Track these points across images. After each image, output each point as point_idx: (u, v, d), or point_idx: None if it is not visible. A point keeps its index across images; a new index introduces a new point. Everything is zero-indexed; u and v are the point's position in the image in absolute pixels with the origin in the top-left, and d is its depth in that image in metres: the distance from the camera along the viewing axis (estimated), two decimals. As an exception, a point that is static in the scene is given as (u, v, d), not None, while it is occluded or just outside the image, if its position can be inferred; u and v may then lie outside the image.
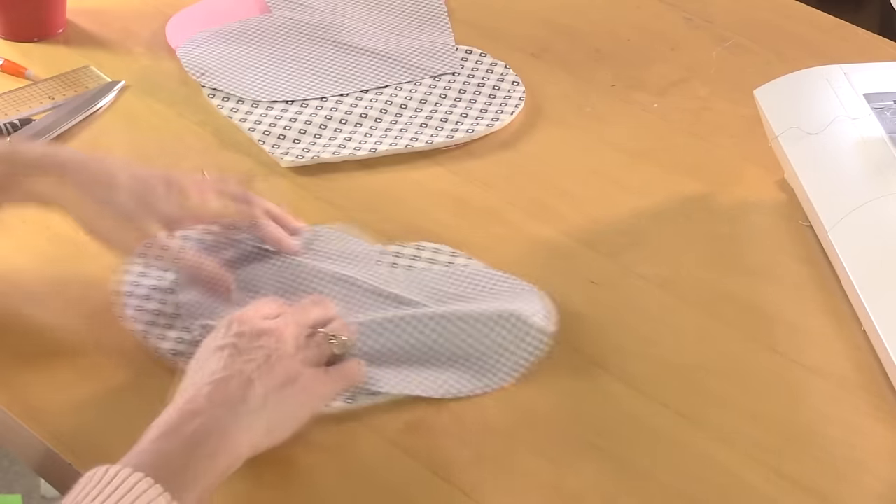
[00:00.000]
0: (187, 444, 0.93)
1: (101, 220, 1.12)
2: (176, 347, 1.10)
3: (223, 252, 1.18)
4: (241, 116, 1.37)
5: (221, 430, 0.94)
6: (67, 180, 1.11)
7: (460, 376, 1.09)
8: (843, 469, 1.04)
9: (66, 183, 1.11)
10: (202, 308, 1.13)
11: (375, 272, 1.17)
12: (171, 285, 1.15)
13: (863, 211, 1.20)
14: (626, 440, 1.06)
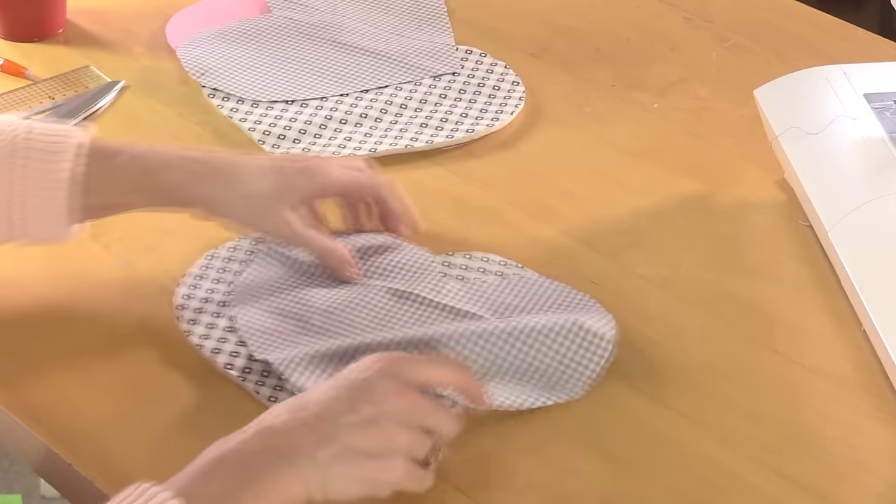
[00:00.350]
0: (238, 480, 0.90)
1: (240, 210, 1.12)
2: (230, 361, 1.09)
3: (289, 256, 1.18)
4: (241, 116, 1.37)
5: (278, 475, 0.91)
6: (201, 178, 1.11)
7: (531, 390, 1.07)
8: (843, 469, 1.04)
9: (200, 181, 1.11)
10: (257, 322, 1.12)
11: (430, 283, 1.16)
12: (224, 297, 1.15)
13: (863, 211, 1.20)
14: (626, 440, 1.06)
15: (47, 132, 1.09)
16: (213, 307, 1.14)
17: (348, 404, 0.94)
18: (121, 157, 1.10)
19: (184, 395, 1.08)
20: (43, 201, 1.08)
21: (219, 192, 1.12)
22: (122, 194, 1.11)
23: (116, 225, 1.23)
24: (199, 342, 1.11)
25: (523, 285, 1.16)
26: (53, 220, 1.09)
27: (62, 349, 1.11)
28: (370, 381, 0.96)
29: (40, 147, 1.08)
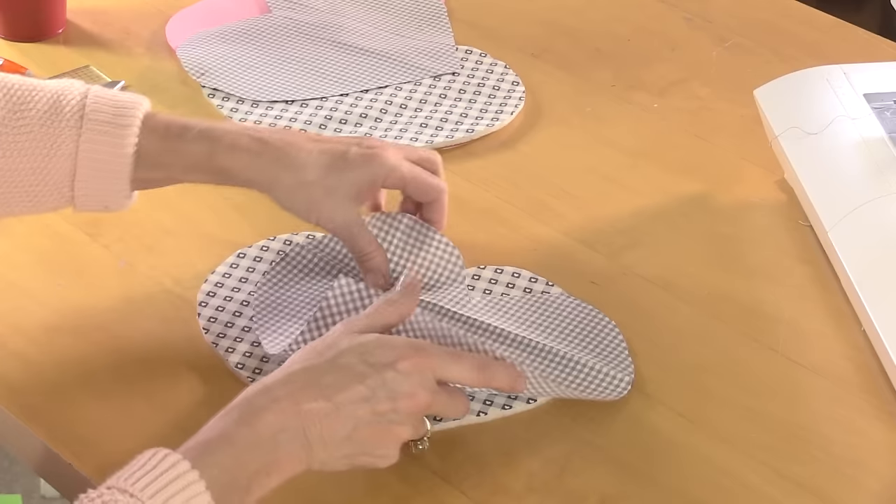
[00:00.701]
0: (254, 453, 0.92)
1: (296, 198, 1.10)
2: (242, 361, 1.10)
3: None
4: (241, 116, 1.37)
5: (290, 454, 0.94)
6: (262, 161, 1.10)
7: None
8: (843, 469, 1.04)
9: (260, 164, 1.10)
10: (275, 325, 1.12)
11: (453, 294, 1.14)
12: (247, 297, 1.15)
13: (863, 211, 1.20)
14: (626, 440, 1.06)
15: (115, 102, 1.09)
16: (234, 306, 1.14)
17: (369, 396, 0.97)
18: (186, 136, 1.09)
19: (184, 395, 1.08)
20: (107, 173, 1.08)
21: (277, 177, 1.10)
22: (182, 172, 1.11)
23: (116, 225, 1.23)
24: (215, 340, 1.11)
25: (549, 305, 1.15)
26: (115, 191, 1.09)
27: (62, 349, 1.11)
28: (396, 381, 0.98)
29: (107, 119, 1.08)
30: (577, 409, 1.08)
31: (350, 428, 0.96)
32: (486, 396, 1.08)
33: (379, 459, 0.99)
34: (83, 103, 1.08)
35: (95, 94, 1.09)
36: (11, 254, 1.20)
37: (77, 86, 1.10)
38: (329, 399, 0.96)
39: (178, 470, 0.89)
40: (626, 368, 1.10)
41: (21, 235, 1.22)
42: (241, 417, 0.94)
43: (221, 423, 0.94)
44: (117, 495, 0.88)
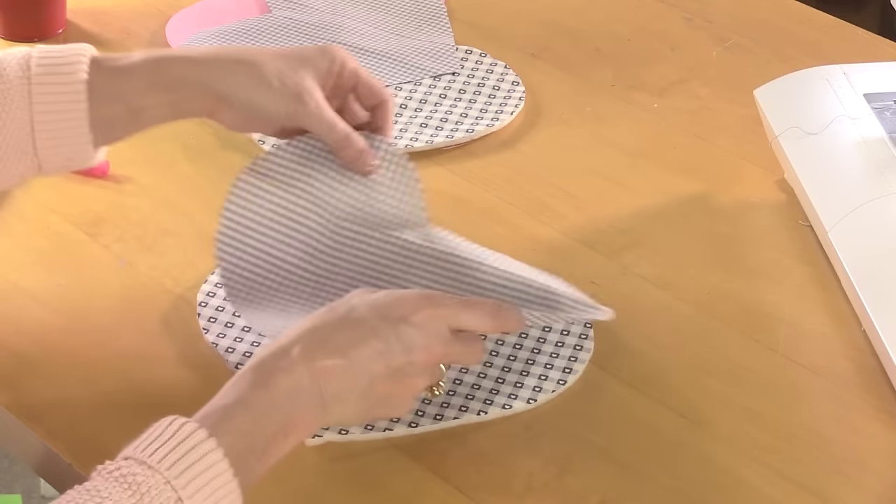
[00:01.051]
0: (270, 415, 0.93)
1: (260, 95, 1.07)
2: (242, 361, 1.10)
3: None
4: (241, 116, 1.37)
5: (308, 413, 0.95)
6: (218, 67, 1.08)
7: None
8: (843, 469, 1.04)
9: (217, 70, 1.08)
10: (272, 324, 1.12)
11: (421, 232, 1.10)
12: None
13: (863, 211, 1.20)
14: (626, 440, 1.06)
15: (58, 50, 1.08)
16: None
17: (384, 350, 0.97)
18: (133, 59, 1.08)
19: (185, 395, 1.08)
20: (65, 116, 1.06)
21: (232, 70, 1.08)
22: (141, 95, 1.07)
23: (116, 225, 1.23)
24: (215, 340, 1.11)
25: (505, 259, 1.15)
26: (77, 135, 1.07)
27: (62, 349, 1.11)
28: (410, 333, 0.98)
29: (54, 63, 1.07)
30: (577, 409, 1.08)
31: (365, 384, 0.96)
32: (485, 396, 1.08)
33: (394, 410, 1.00)
34: (28, 56, 1.07)
35: (38, 49, 1.08)
36: (11, 254, 1.20)
37: (18, 52, 1.08)
38: (343, 356, 0.96)
39: (196, 439, 0.89)
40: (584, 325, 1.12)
41: (21, 235, 1.22)
42: (256, 380, 0.94)
43: (236, 388, 0.94)
44: (135, 467, 0.88)
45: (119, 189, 1.28)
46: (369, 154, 1.10)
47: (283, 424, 0.93)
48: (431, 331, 0.99)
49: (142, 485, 0.87)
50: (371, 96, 1.13)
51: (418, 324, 0.98)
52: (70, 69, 1.06)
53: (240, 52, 1.10)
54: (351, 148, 1.09)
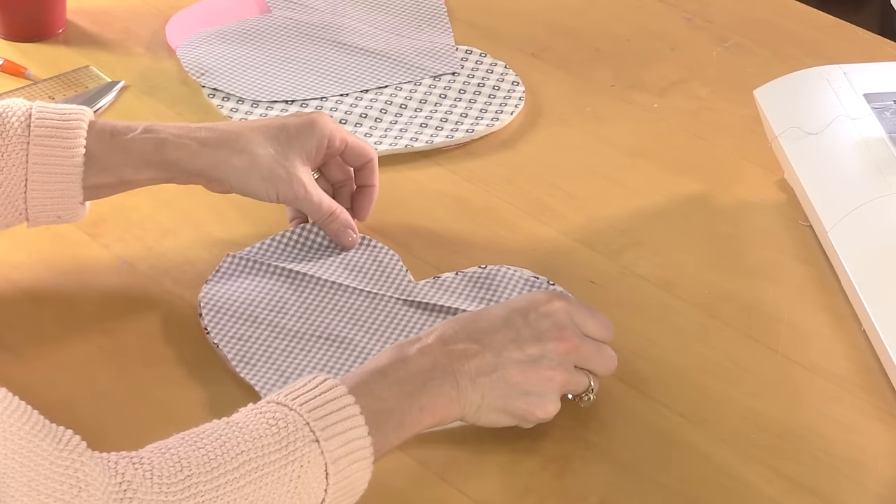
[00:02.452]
0: (406, 390, 0.96)
1: (247, 177, 1.14)
2: (243, 360, 1.10)
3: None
4: (241, 116, 1.37)
5: (441, 392, 0.97)
6: (208, 148, 1.13)
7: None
8: (843, 469, 1.04)
9: (208, 151, 1.13)
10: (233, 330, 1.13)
11: (400, 284, 1.17)
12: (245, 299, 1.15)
13: (863, 211, 1.20)
14: (626, 440, 1.06)
15: (59, 111, 1.12)
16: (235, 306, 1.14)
17: (516, 338, 1.01)
18: (132, 134, 1.13)
19: (185, 395, 1.08)
20: (58, 179, 1.11)
21: (227, 161, 1.14)
22: (133, 170, 1.13)
23: (117, 225, 1.23)
24: (216, 340, 1.11)
25: (493, 276, 1.17)
26: (68, 198, 1.12)
27: (62, 349, 1.11)
28: (540, 321, 1.02)
29: (53, 125, 1.11)
30: (577, 409, 1.08)
31: (499, 368, 0.99)
32: None
33: (536, 405, 1.01)
34: (28, 114, 1.11)
35: (39, 106, 1.12)
36: (11, 254, 1.20)
37: (20, 102, 1.12)
38: (477, 341, 0.99)
39: (336, 392, 0.92)
40: None
41: (21, 235, 1.22)
42: (393, 357, 0.97)
43: (374, 362, 0.97)
44: (276, 407, 0.91)
45: (119, 189, 1.28)
46: (352, 227, 1.19)
47: (419, 399, 0.96)
48: (561, 320, 1.02)
49: (280, 420, 0.90)
50: (358, 158, 1.21)
51: (548, 313, 1.02)
52: (69, 134, 1.11)
53: (235, 138, 1.15)
54: (336, 222, 1.18)
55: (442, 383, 0.97)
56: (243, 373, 1.09)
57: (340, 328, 1.13)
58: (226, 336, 1.11)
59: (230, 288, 1.16)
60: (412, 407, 0.96)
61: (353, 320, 1.13)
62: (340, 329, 1.13)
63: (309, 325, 1.13)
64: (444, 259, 1.21)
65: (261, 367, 1.09)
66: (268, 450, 0.89)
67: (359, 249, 1.20)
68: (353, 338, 1.11)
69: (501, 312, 1.02)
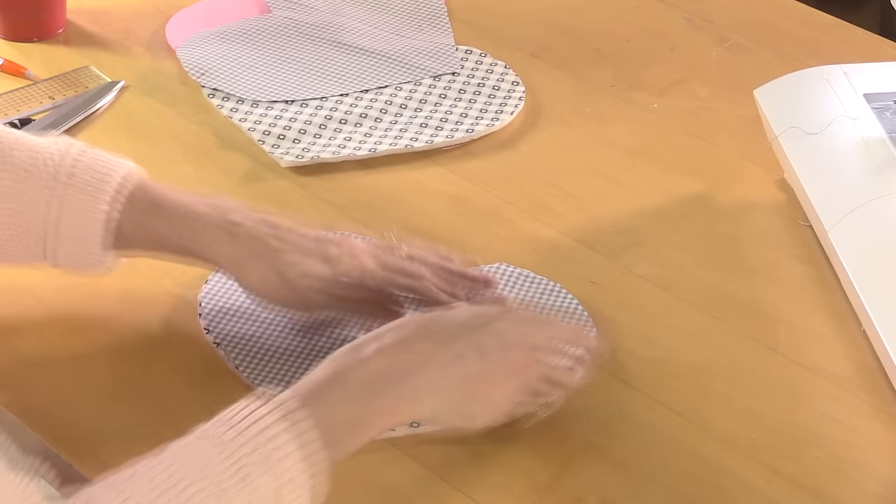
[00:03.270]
0: (362, 395, 0.94)
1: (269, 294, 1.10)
2: (243, 360, 1.10)
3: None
4: (241, 116, 1.37)
5: (399, 395, 0.96)
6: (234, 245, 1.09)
7: None
8: (843, 469, 1.04)
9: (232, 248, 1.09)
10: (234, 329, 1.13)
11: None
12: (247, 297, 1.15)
13: (863, 211, 1.20)
14: (625, 440, 1.06)
15: (93, 166, 1.08)
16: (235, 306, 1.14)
17: (478, 344, 0.99)
18: (160, 214, 1.09)
19: (185, 396, 1.08)
20: (77, 240, 1.08)
21: (255, 279, 1.09)
22: (154, 249, 1.10)
23: (116, 225, 1.23)
24: (216, 340, 1.11)
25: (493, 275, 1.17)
26: (87, 256, 1.09)
27: (62, 349, 1.11)
28: (501, 331, 1.00)
29: (81, 184, 1.07)
30: (577, 409, 1.08)
31: (455, 372, 0.98)
32: None
33: (491, 409, 1.00)
34: (61, 164, 1.08)
35: (75, 155, 1.08)
36: (11, 254, 1.20)
37: (60, 144, 1.09)
38: (436, 342, 0.98)
39: (290, 407, 0.90)
40: (585, 324, 1.14)
41: (21, 235, 1.22)
42: (351, 360, 0.96)
43: (332, 365, 0.96)
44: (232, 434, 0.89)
45: (119, 189, 1.28)
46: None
47: (380, 401, 0.95)
48: (508, 340, 1.00)
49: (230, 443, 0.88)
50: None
51: (496, 332, 1.00)
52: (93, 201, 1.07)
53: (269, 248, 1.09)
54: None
55: (400, 385, 0.96)
56: (243, 373, 1.09)
57: (341, 328, 1.13)
58: (226, 336, 1.11)
59: (230, 288, 1.16)
60: (372, 410, 0.94)
61: (354, 320, 1.13)
62: (341, 329, 1.12)
63: (309, 324, 1.13)
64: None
65: (261, 367, 1.09)
66: (218, 477, 0.87)
67: None
68: (353, 337, 1.11)
69: (462, 317, 1.01)
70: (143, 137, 1.35)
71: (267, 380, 1.08)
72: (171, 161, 1.31)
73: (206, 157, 1.32)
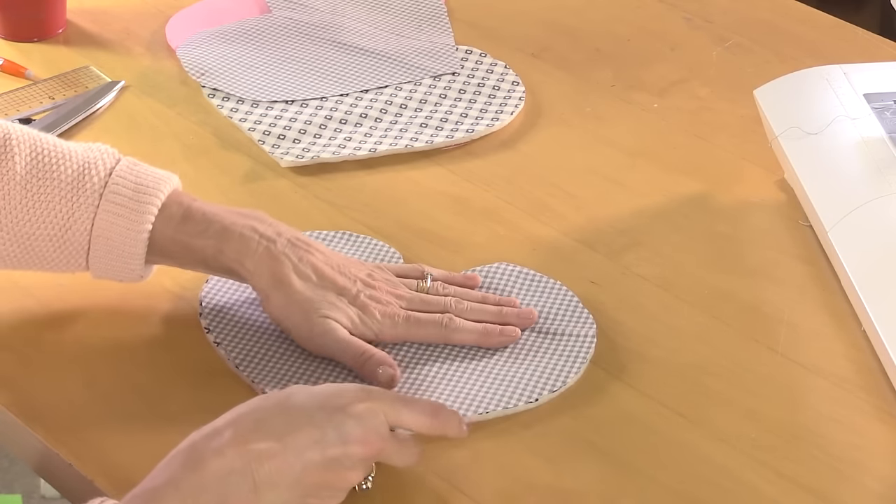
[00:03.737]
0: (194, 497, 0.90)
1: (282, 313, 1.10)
2: (243, 360, 1.10)
3: None
4: (241, 116, 1.37)
5: (236, 499, 0.92)
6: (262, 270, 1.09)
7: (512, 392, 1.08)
8: (843, 469, 1.04)
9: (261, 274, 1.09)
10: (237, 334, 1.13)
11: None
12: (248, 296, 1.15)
13: (863, 211, 1.20)
14: (625, 440, 1.06)
15: (137, 182, 1.10)
16: (235, 306, 1.14)
17: (319, 438, 0.95)
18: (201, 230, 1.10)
19: (185, 396, 1.08)
20: (119, 254, 1.10)
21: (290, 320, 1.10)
22: (192, 265, 1.12)
23: (116, 225, 1.23)
24: (216, 340, 1.11)
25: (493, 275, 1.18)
26: (128, 269, 1.11)
27: (62, 349, 1.11)
28: (345, 422, 0.96)
29: (125, 201, 1.09)
30: (577, 409, 1.08)
31: (299, 470, 0.94)
32: (486, 395, 1.08)
33: (327, 500, 0.97)
34: (107, 180, 1.09)
35: (120, 171, 1.10)
36: (11, 254, 1.20)
37: (107, 157, 1.11)
38: (278, 440, 0.94)
39: None
40: (585, 321, 1.13)
41: (21, 235, 1.22)
42: (187, 463, 0.92)
43: (168, 470, 0.92)
44: None
45: (119, 189, 1.28)
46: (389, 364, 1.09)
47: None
48: (369, 424, 0.96)
49: None
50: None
51: (357, 415, 0.96)
52: (136, 217, 1.09)
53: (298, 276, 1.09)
54: (369, 363, 1.09)
55: (239, 487, 0.91)
56: (243, 373, 1.09)
57: None
58: (226, 336, 1.11)
59: (230, 287, 1.16)
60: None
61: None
62: None
63: None
64: (444, 259, 1.21)
65: (261, 367, 1.09)
66: None
67: (360, 248, 1.21)
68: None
69: (307, 407, 0.96)
70: (143, 137, 1.35)
71: (267, 380, 1.08)
72: (171, 161, 1.31)
73: (206, 157, 1.32)
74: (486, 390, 1.08)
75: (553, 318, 1.14)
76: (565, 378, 1.09)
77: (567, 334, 1.12)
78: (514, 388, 1.08)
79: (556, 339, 1.12)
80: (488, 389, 1.08)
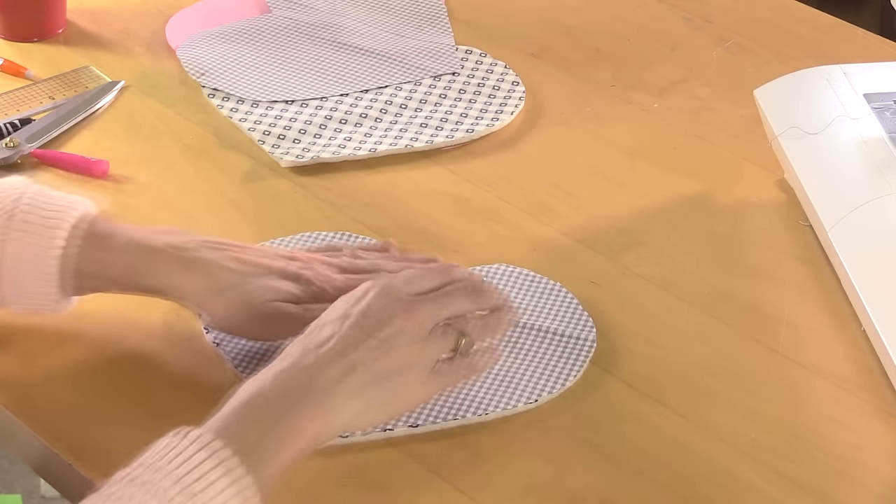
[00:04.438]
0: (270, 422, 0.93)
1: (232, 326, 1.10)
2: (243, 360, 1.10)
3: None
4: (241, 116, 1.37)
5: (304, 414, 0.94)
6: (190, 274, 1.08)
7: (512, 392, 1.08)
8: (843, 469, 1.04)
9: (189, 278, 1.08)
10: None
11: None
12: None
13: (863, 211, 1.20)
14: (625, 440, 1.06)
15: (47, 206, 1.07)
16: None
17: (359, 328, 0.98)
18: (114, 246, 1.08)
19: (185, 396, 1.08)
20: (32, 278, 1.07)
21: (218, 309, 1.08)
22: (108, 285, 1.09)
23: (116, 225, 1.23)
24: (216, 340, 1.11)
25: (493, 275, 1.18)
26: (43, 295, 1.08)
27: (62, 349, 1.11)
28: (375, 305, 0.99)
29: (35, 221, 1.07)
30: (577, 409, 1.08)
31: (356, 361, 0.97)
32: (486, 395, 1.08)
33: (404, 384, 0.99)
34: (16, 204, 1.07)
35: (31, 196, 1.07)
36: (11, 254, 1.20)
37: (17, 184, 1.08)
38: (324, 345, 0.97)
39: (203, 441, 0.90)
40: (585, 324, 1.13)
41: (21, 235, 1.22)
42: (252, 390, 0.95)
43: (237, 397, 0.95)
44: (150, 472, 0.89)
45: (119, 189, 1.28)
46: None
47: (287, 426, 0.93)
48: (396, 295, 1.00)
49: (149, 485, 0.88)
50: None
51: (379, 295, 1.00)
52: (47, 237, 1.06)
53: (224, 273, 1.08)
54: None
55: (304, 403, 0.95)
56: (243, 373, 1.09)
57: None
58: (226, 336, 1.11)
59: None
60: (277, 438, 0.93)
61: None
62: None
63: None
64: (444, 259, 1.21)
65: (261, 367, 1.09)
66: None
67: None
68: None
69: (337, 312, 0.99)
70: (143, 137, 1.35)
71: None
72: (171, 161, 1.31)
73: (206, 157, 1.32)
74: (486, 391, 1.08)
75: (553, 319, 1.14)
76: (565, 380, 1.09)
77: (567, 336, 1.13)
78: (514, 389, 1.08)
79: (556, 341, 1.12)
80: (488, 390, 1.08)
